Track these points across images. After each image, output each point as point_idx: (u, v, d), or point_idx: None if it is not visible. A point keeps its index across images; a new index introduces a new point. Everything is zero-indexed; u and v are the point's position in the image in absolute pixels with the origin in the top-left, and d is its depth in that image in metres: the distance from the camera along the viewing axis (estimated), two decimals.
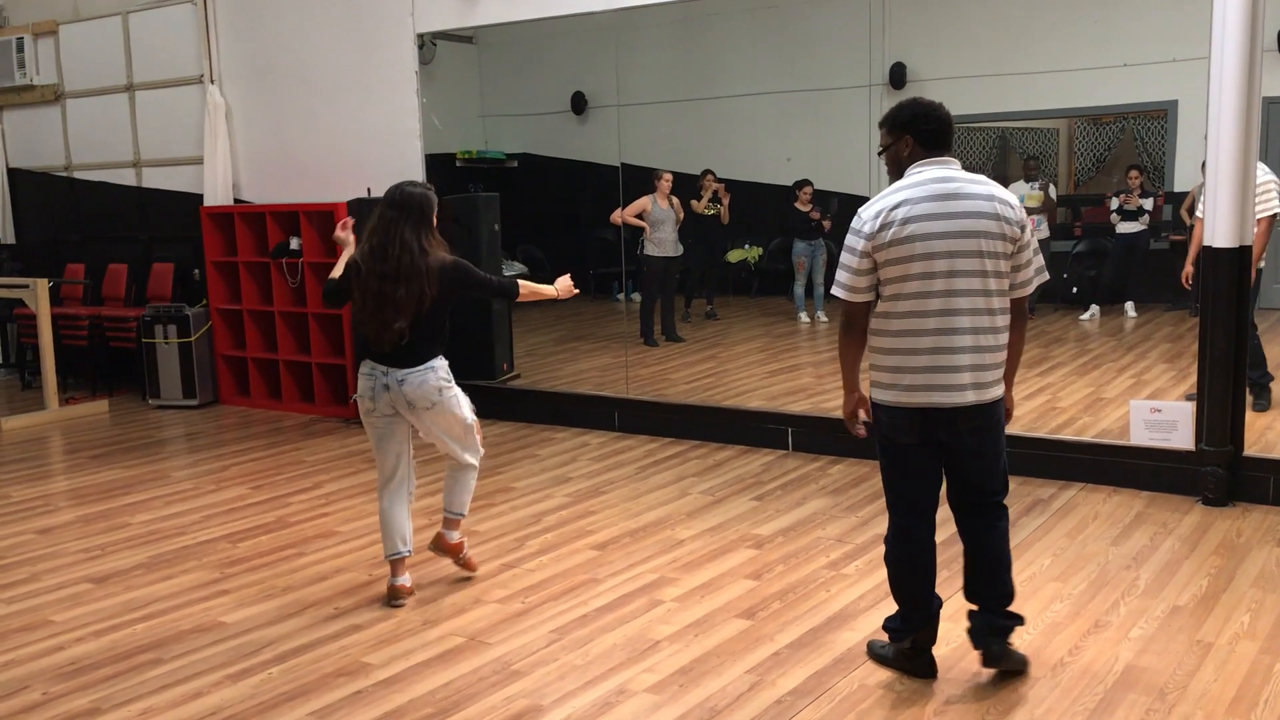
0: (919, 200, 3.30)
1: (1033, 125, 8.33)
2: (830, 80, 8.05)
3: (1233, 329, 5.28)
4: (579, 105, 8.90)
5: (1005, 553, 3.59)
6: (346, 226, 4.56)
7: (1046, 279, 3.51)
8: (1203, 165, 5.38)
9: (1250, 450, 5.40)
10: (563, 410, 7.48)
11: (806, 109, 8.45)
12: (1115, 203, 7.70)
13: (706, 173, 8.80)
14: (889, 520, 3.61)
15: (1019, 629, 3.66)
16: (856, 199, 7.92)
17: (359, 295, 4.30)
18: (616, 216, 8.09)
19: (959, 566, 4.43)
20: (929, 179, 3.34)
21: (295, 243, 8.04)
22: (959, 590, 4.25)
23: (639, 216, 8.34)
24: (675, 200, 8.50)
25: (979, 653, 3.60)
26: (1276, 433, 5.92)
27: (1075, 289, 8.15)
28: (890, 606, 4.19)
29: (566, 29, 7.56)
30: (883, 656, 3.74)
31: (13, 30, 9.75)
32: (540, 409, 7.56)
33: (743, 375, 8.11)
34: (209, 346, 8.58)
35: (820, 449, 6.47)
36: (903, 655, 3.66)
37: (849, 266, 3.38)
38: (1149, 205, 7.57)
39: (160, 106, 9.03)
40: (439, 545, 4.68)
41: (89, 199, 9.67)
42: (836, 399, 7.03)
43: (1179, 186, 7.51)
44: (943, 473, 3.55)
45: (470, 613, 4.29)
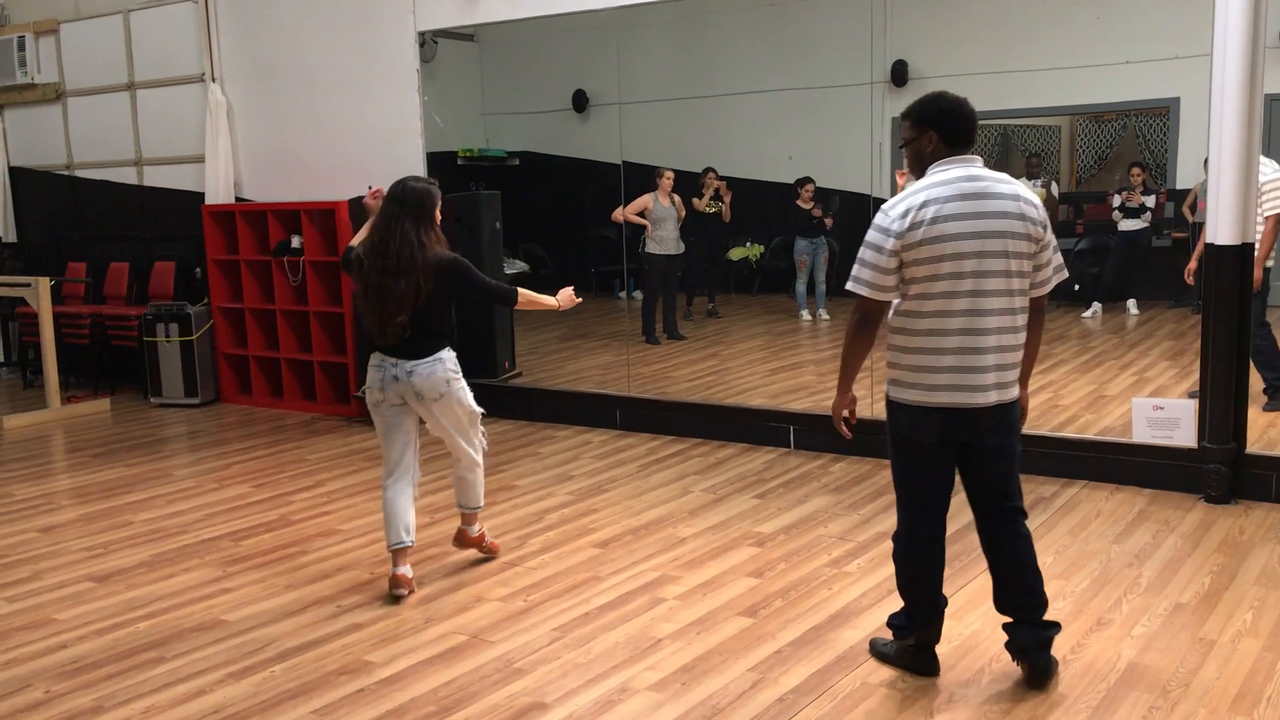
0: (947, 199, 3.26)
1: (1035, 123, 8.31)
2: (832, 78, 8.03)
3: (1235, 326, 5.28)
4: (580, 103, 8.89)
5: (1033, 561, 3.52)
6: (377, 196, 4.66)
7: (1065, 277, 3.48)
8: (1205, 162, 5.37)
9: (1253, 448, 5.39)
10: (564, 408, 7.48)
11: (808, 107, 8.44)
12: (1117, 200, 7.69)
13: (708, 170, 8.80)
14: (899, 518, 3.59)
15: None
16: (858, 197, 7.98)
17: (362, 289, 4.35)
18: (618, 214, 8.09)
19: (960, 564, 4.44)
20: (955, 177, 3.30)
21: (296, 241, 8.04)
22: (960, 588, 4.27)
23: (640, 214, 8.34)
24: (677, 198, 8.50)
25: (1024, 668, 3.53)
26: (1279, 430, 5.91)
27: (1077, 286, 8.13)
28: (893, 604, 4.19)
29: (568, 27, 7.55)
30: (885, 654, 3.72)
31: (14, 29, 9.75)
32: (542, 407, 7.56)
33: (744, 373, 8.11)
34: (210, 345, 8.59)
35: (822, 447, 6.47)
36: (906, 652, 3.64)
37: (875, 264, 3.30)
38: (1151, 202, 7.56)
39: (161, 105, 9.03)
40: (461, 540, 4.80)
41: (90, 197, 9.67)
42: None
43: (1181, 184, 7.50)
44: (955, 476, 3.51)
45: (472, 611, 4.29)
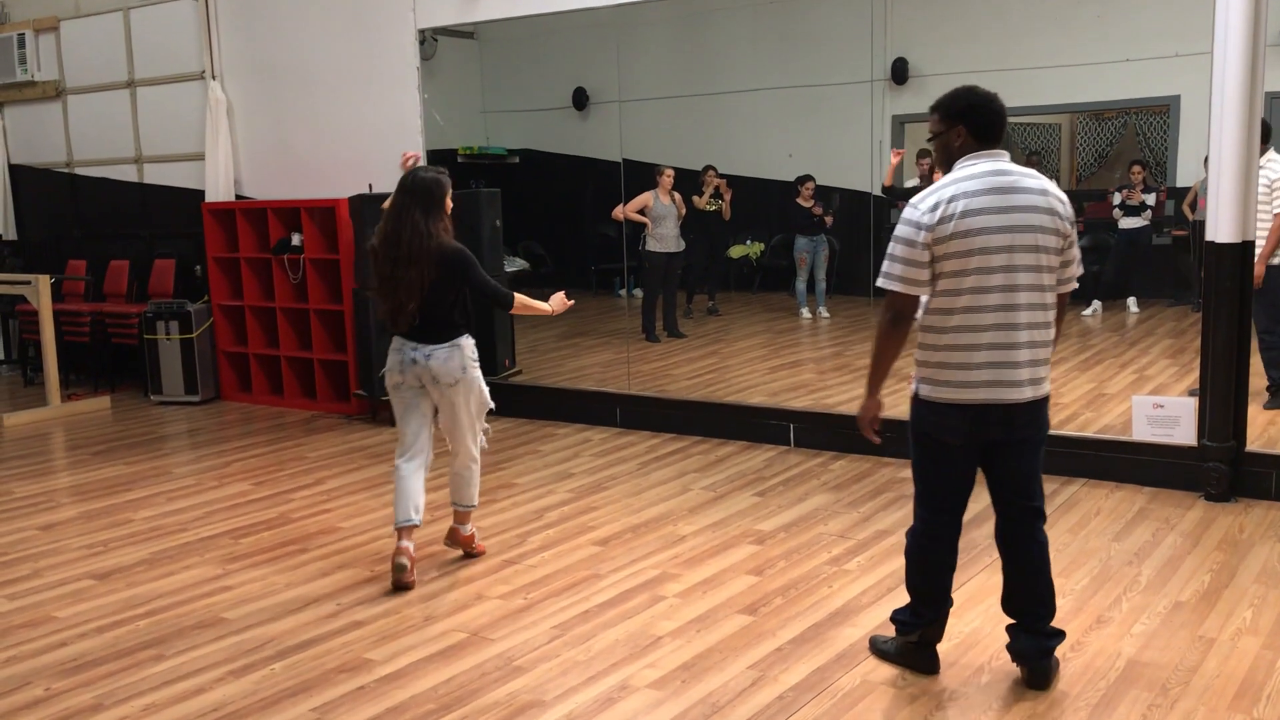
0: (976, 193, 3.23)
1: (1035, 120, 8.31)
2: (832, 76, 8.03)
3: (1235, 324, 5.28)
4: (580, 101, 8.89)
5: (1047, 570, 3.50)
6: (411, 160, 4.81)
7: (1081, 273, 3.46)
8: (1205, 160, 5.37)
9: (1253, 446, 5.39)
10: (564, 406, 7.48)
11: (808, 104, 8.44)
12: (1118, 198, 7.69)
13: (708, 168, 8.80)
14: (916, 516, 3.56)
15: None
16: (858, 194, 7.99)
17: (375, 277, 4.47)
18: (618, 212, 8.09)
19: (963, 561, 4.44)
20: (984, 171, 3.27)
21: (297, 238, 8.03)
22: (962, 585, 4.26)
23: (641, 212, 8.34)
24: (677, 196, 8.50)
25: (1023, 670, 3.52)
26: (1279, 428, 5.91)
27: (1076, 284, 8.13)
28: (893, 602, 4.19)
29: (568, 24, 7.55)
30: (885, 651, 3.72)
31: (14, 26, 9.74)
32: (542, 405, 7.56)
33: (744, 371, 8.11)
34: (211, 342, 8.59)
35: (822, 445, 6.47)
36: (907, 650, 3.64)
37: (905, 259, 3.25)
38: (1151, 200, 7.56)
39: (161, 102, 9.03)
40: (453, 539, 4.83)
41: (90, 195, 9.67)
42: (838, 395, 7.10)
43: (1181, 181, 7.50)
44: (976, 476, 3.47)
45: (472, 608, 4.29)
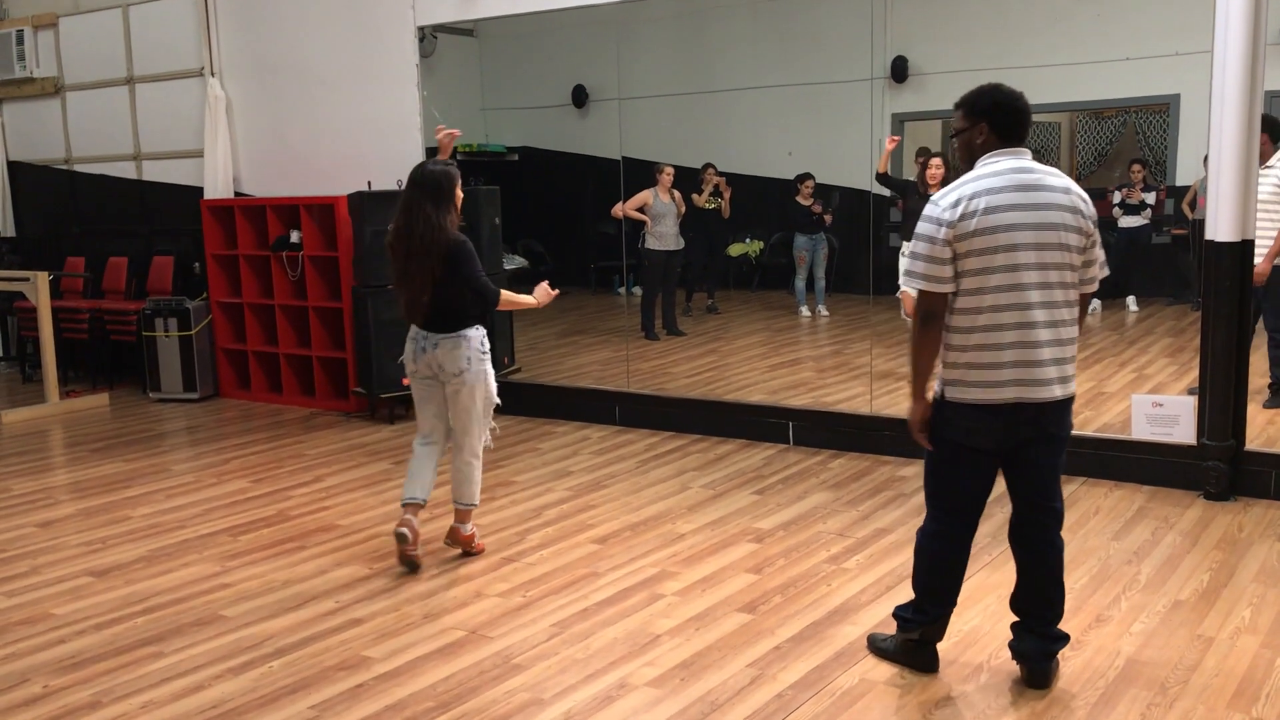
0: (1000, 190, 3.21)
1: (1034, 119, 8.26)
2: (832, 74, 8.02)
3: (1235, 323, 5.28)
4: (580, 98, 8.88)
5: (1059, 573, 3.48)
6: (445, 135, 4.98)
7: (1107, 274, 3.44)
8: (1205, 159, 5.37)
9: (1252, 445, 5.40)
10: (563, 404, 7.48)
11: (808, 103, 8.43)
12: (1117, 197, 7.68)
13: (708, 166, 8.79)
14: (930, 517, 3.52)
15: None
16: (858, 193, 7.98)
17: (392, 270, 4.62)
18: (618, 210, 8.08)
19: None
20: (1007, 169, 3.25)
21: (295, 236, 8.03)
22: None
23: (640, 210, 8.33)
24: (677, 194, 8.49)
25: (1023, 669, 3.52)
26: (1278, 427, 5.91)
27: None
28: (894, 598, 4.19)
29: (567, 22, 7.54)
30: (884, 650, 3.71)
31: (13, 23, 9.73)
32: (541, 403, 7.56)
33: (744, 369, 8.11)
34: (209, 340, 8.58)
35: (821, 443, 6.47)
36: (907, 648, 3.63)
37: (929, 256, 3.23)
38: (1151, 199, 7.55)
39: (160, 99, 9.02)
40: (454, 538, 4.84)
41: (89, 192, 9.66)
42: (837, 393, 7.10)
43: (1181, 180, 7.50)
44: (994, 480, 3.45)
45: (471, 606, 4.29)
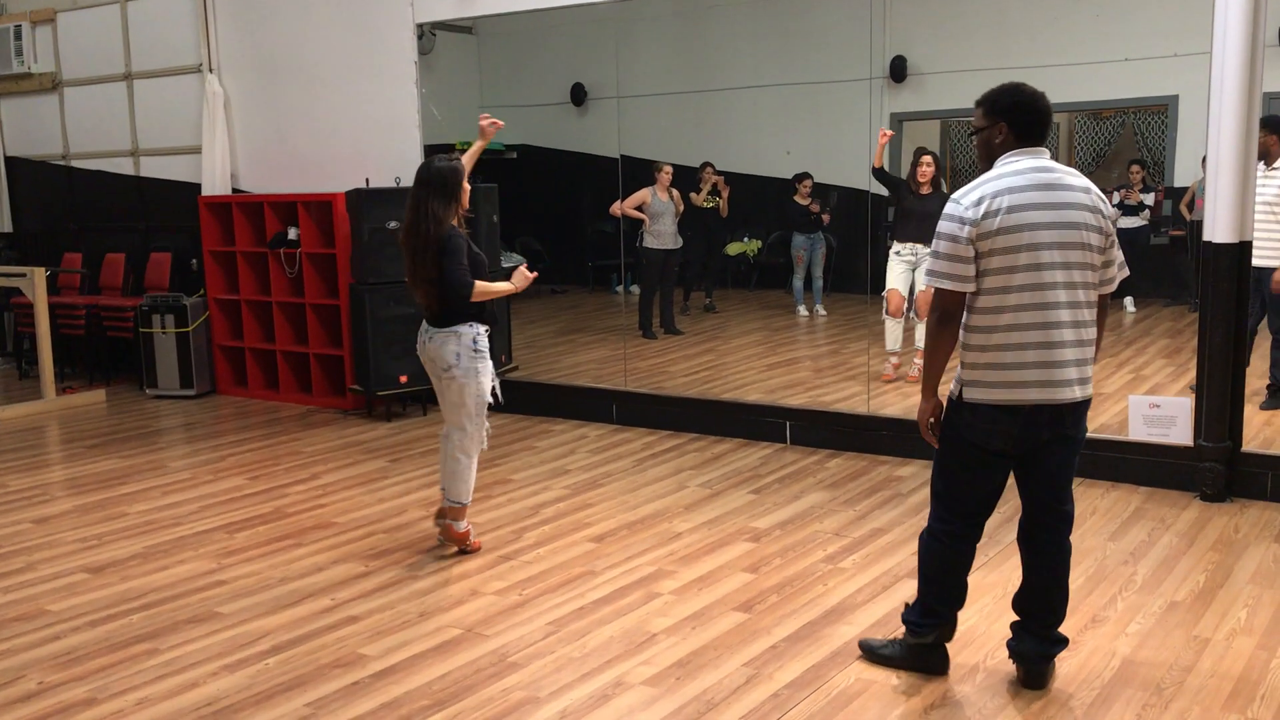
0: (1022, 189, 3.19)
1: None
2: (830, 73, 8.02)
3: (1232, 324, 5.28)
4: (579, 97, 8.88)
5: (1066, 575, 3.47)
6: (488, 123, 5.09)
7: (1127, 274, 3.41)
8: (1203, 160, 5.37)
9: (1249, 446, 5.40)
10: (561, 402, 7.48)
11: (806, 102, 8.43)
12: (1116, 197, 7.69)
13: (706, 165, 8.79)
14: (937, 519, 3.48)
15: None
16: (856, 193, 7.97)
17: (405, 268, 4.76)
18: (616, 208, 8.08)
19: None
20: (1028, 168, 3.24)
21: (293, 233, 8.02)
22: None
23: (639, 208, 8.33)
24: (675, 193, 8.49)
25: (1020, 670, 3.52)
26: (1275, 429, 5.92)
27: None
28: (890, 598, 4.20)
29: (566, 20, 7.54)
30: (887, 656, 3.64)
31: (11, 18, 9.71)
32: (538, 401, 7.56)
33: (741, 368, 8.11)
34: (206, 336, 8.57)
35: (818, 442, 6.47)
36: (917, 651, 3.56)
37: (952, 255, 3.20)
38: (1149, 200, 7.56)
39: (158, 95, 9.00)
40: (445, 534, 4.87)
41: (86, 188, 9.64)
42: (834, 393, 7.10)
43: (1179, 181, 7.50)
44: (1006, 482, 3.43)
45: (467, 604, 4.28)
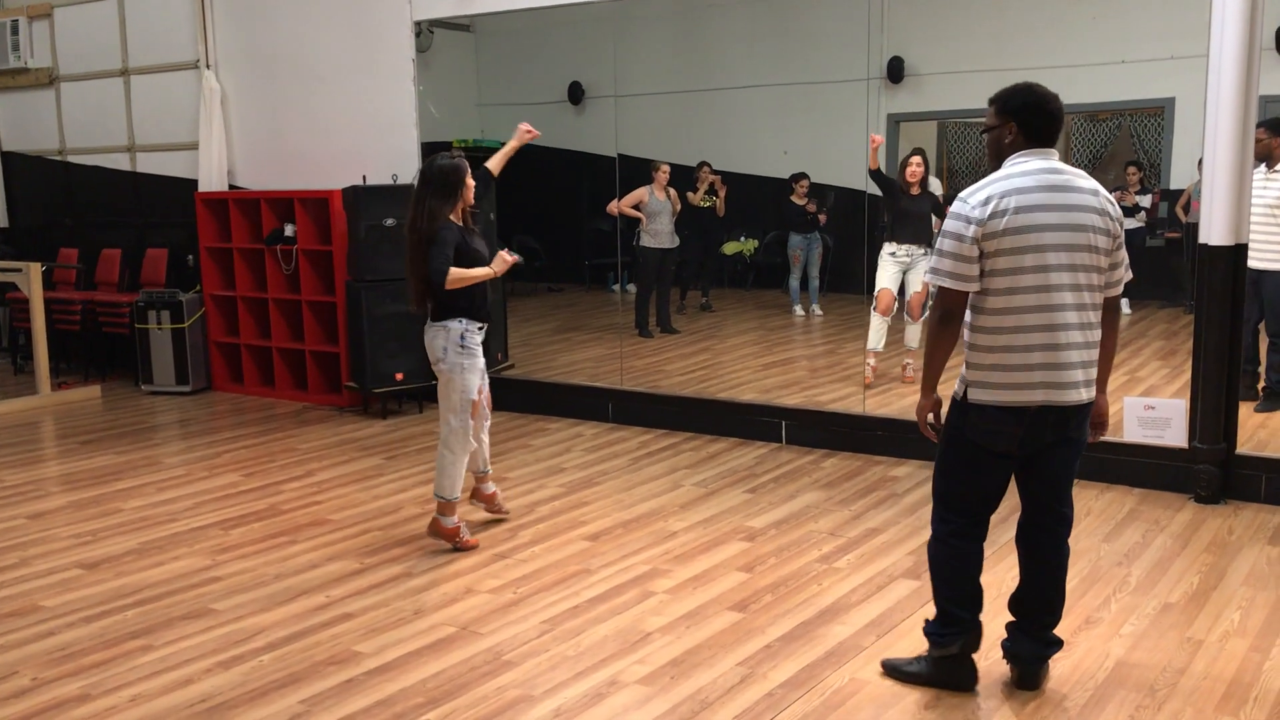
0: (1030, 190, 3.18)
1: None
2: (828, 73, 8.02)
3: (1227, 327, 5.29)
4: (576, 95, 8.87)
5: (1063, 579, 3.46)
6: (525, 132, 5.39)
7: (1131, 278, 3.39)
8: (1199, 163, 5.38)
9: (1243, 448, 5.41)
10: (557, 401, 7.48)
11: (804, 102, 8.43)
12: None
13: (702, 164, 8.79)
14: (943, 523, 3.45)
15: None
16: (853, 193, 7.97)
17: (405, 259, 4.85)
18: (613, 207, 8.07)
19: None
20: (1036, 169, 3.22)
21: (290, 229, 8.01)
22: None
23: (636, 207, 8.33)
24: (672, 192, 8.49)
25: (1014, 671, 3.51)
26: (1269, 431, 5.93)
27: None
28: (884, 599, 4.20)
29: (564, 19, 7.53)
30: (913, 674, 3.55)
31: (8, 12, 9.69)
32: (534, 399, 7.55)
33: (737, 368, 8.11)
34: (202, 333, 8.56)
35: (814, 442, 6.48)
36: (944, 665, 3.48)
37: (956, 254, 3.19)
38: (1145, 202, 7.56)
39: (155, 91, 8.99)
40: (432, 528, 4.91)
41: (83, 183, 9.63)
42: (830, 393, 7.11)
43: (1175, 184, 7.51)
44: (1009, 483, 3.42)
45: (462, 602, 4.28)
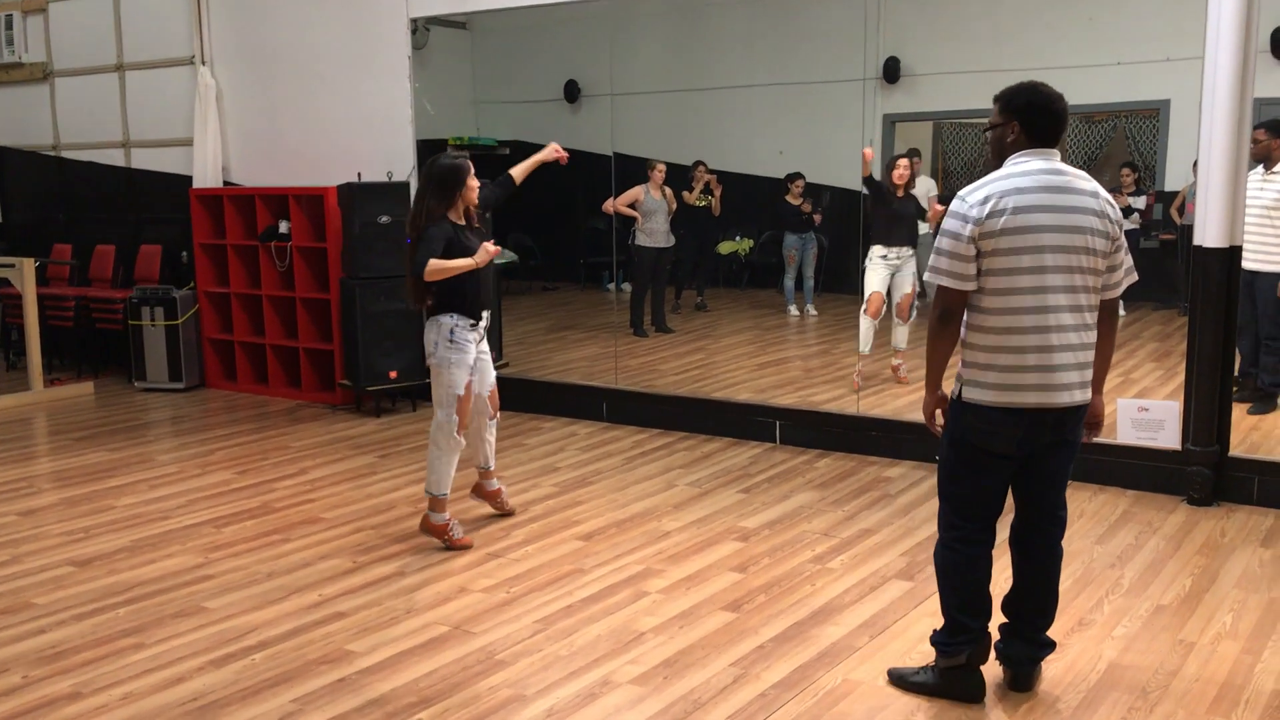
0: (1029, 190, 3.17)
1: None
2: (824, 73, 8.02)
3: (1221, 329, 5.30)
4: (572, 93, 8.86)
5: (1056, 581, 3.46)
6: (552, 152, 5.54)
7: (1135, 280, 3.37)
8: (1194, 165, 5.39)
9: (1236, 450, 5.42)
10: (551, 400, 7.47)
11: (800, 102, 8.43)
12: None
13: (698, 164, 8.78)
14: (947, 525, 3.43)
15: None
16: (849, 193, 7.98)
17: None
18: (608, 206, 8.06)
19: None
20: (1036, 169, 3.21)
21: (284, 226, 7.99)
22: None
23: (631, 206, 8.32)
24: (668, 191, 8.48)
25: (1007, 672, 3.50)
26: (1262, 433, 5.94)
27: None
28: (878, 599, 4.20)
29: (560, 16, 7.53)
30: (920, 684, 3.49)
31: (2, 7, 9.66)
32: (528, 398, 7.55)
33: (731, 367, 8.11)
34: (196, 329, 8.54)
35: (808, 442, 6.48)
36: (953, 677, 3.43)
37: (954, 253, 3.18)
38: (1140, 204, 7.56)
39: (150, 87, 8.96)
40: (424, 525, 4.94)
41: (77, 179, 9.60)
42: (824, 393, 7.11)
43: (1170, 185, 7.51)
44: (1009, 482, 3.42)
45: (455, 602, 4.28)
